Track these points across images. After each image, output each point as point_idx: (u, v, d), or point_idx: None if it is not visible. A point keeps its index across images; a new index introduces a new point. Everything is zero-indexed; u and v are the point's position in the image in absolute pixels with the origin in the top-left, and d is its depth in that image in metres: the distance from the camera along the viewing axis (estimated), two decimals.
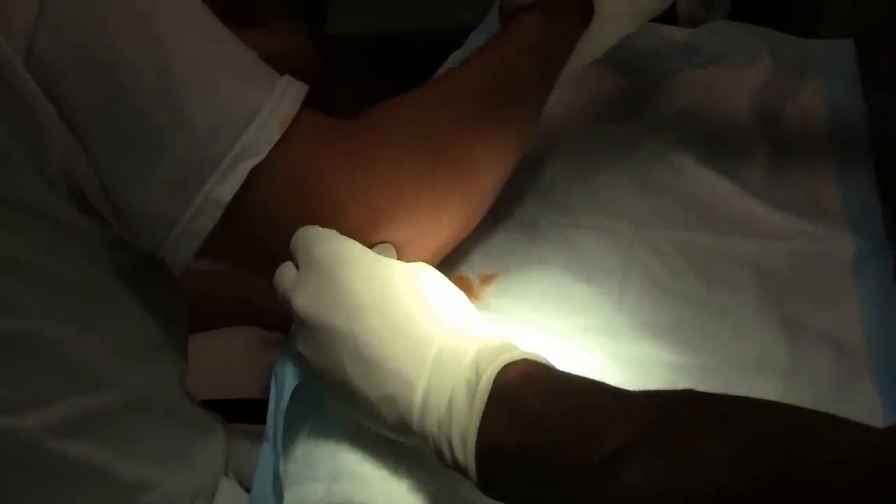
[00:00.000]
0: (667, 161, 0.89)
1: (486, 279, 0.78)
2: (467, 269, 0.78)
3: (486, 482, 0.56)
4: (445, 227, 0.71)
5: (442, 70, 0.97)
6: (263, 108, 0.64)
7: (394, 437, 0.63)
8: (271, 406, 0.68)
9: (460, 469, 0.57)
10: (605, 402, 0.53)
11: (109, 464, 0.72)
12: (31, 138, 0.61)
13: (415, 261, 0.68)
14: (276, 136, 0.64)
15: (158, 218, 0.64)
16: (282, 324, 1.16)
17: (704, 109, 0.96)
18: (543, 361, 0.58)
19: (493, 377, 0.56)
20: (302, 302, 0.63)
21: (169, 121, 0.62)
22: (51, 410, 0.69)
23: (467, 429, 0.56)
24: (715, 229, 0.83)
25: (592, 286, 0.78)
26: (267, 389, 0.99)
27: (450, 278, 0.67)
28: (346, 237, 0.65)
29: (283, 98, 0.65)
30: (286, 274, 0.65)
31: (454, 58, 1.01)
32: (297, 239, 0.66)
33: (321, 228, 0.66)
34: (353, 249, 0.65)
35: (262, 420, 0.70)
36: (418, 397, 0.59)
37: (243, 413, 0.91)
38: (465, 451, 0.56)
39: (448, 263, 0.76)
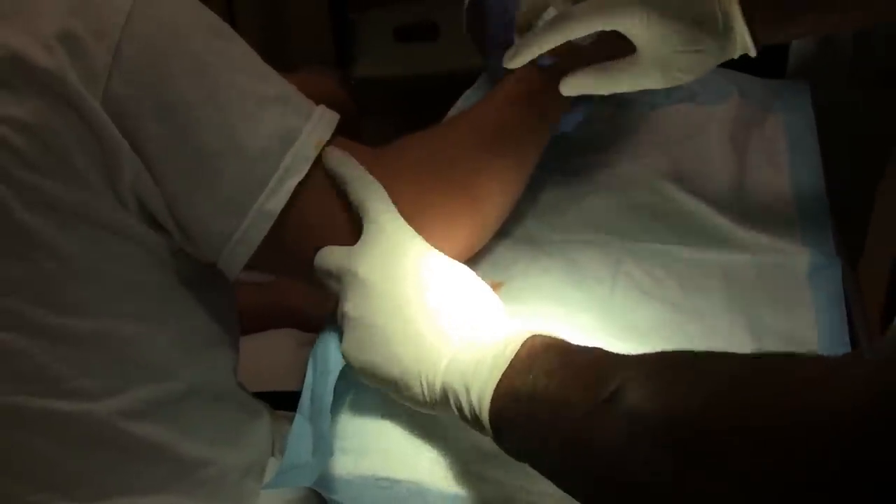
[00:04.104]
0: (648, 184, 0.90)
1: (495, 286, 0.79)
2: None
3: (498, 423, 0.57)
4: (454, 245, 0.72)
5: (455, 107, 0.99)
6: (302, 133, 0.66)
7: (422, 408, 0.64)
8: (307, 380, 0.69)
9: (475, 417, 0.58)
10: (608, 358, 0.55)
11: (174, 443, 0.72)
12: (107, 165, 0.62)
13: None
14: (313, 156, 0.66)
15: (216, 231, 0.66)
16: (316, 326, 1.17)
17: (681, 139, 0.96)
18: (561, 340, 0.60)
19: (520, 343, 0.58)
20: (349, 308, 0.65)
21: (224, 148, 0.64)
22: (124, 397, 0.69)
23: (488, 380, 0.57)
24: (690, 243, 0.83)
25: (585, 292, 0.79)
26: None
27: None
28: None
29: (319, 124, 0.67)
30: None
31: (467, 95, 1.02)
32: (324, 259, 0.67)
33: (341, 247, 0.67)
34: (385, 262, 0.66)
35: None
36: (443, 364, 0.61)
37: (285, 403, 0.92)
38: (483, 398, 0.57)
39: None
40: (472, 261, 0.79)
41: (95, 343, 0.67)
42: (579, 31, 0.72)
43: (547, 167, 0.86)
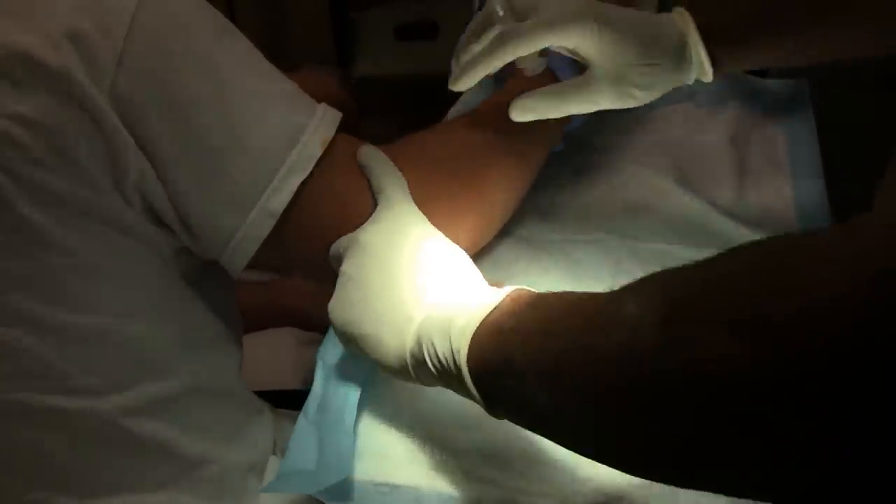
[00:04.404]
0: (648, 183, 0.90)
1: (496, 286, 0.79)
2: None
3: (478, 364, 0.55)
4: (460, 238, 0.72)
5: (455, 108, 0.99)
6: (306, 131, 0.66)
7: (395, 371, 0.63)
8: (315, 387, 0.69)
9: (451, 364, 0.56)
10: (597, 293, 0.53)
11: (176, 440, 0.73)
12: (112, 163, 0.62)
13: None
14: (318, 154, 0.66)
15: (221, 228, 0.66)
16: (317, 325, 1.17)
17: (681, 139, 0.96)
18: None
19: (505, 294, 0.57)
20: (344, 266, 0.65)
21: (229, 144, 0.64)
22: (128, 394, 0.69)
23: (468, 323, 0.56)
24: (689, 242, 0.83)
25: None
26: (305, 382, 1.00)
27: None
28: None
29: (322, 122, 0.67)
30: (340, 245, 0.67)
31: (464, 100, 1.02)
32: (337, 244, 0.67)
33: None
34: (387, 234, 0.66)
35: (302, 407, 0.72)
36: (419, 318, 0.60)
37: (286, 401, 0.92)
38: (462, 341, 0.55)
39: None
40: (475, 258, 0.79)
41: (99, 340, 0.68)
42: (527, 47, 0.69)
43: (548, 167, 0.87)
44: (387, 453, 0.68)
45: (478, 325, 0.56)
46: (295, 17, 2.04)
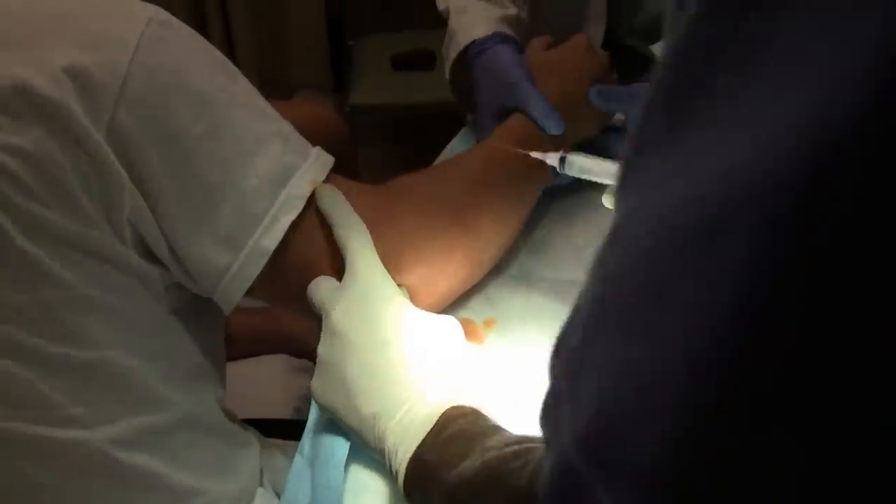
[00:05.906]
0: None
1: (489, 323, 0.79)
2: (472, 314, 0.79)
3: (407, 489, 0.60)
4: (452, 274, 0.73)
5: (444, 151, 0.99)
6: (297, 172, 0.66)
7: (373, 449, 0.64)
8: (310, 423, 0.69)
9: (396, 475, 0.60)
10: (475, 440, 0.57)
11: (164, 472, 0.72)
12: (106, 198, 0.62)
13: (425, 302, 0.70)
14: (307, 193, 0.66)
15: (213, 265, 0.66)
16: (310, 353, 1.16)
17: None
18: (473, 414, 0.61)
19: (440, 413, 0.60)
20: (321, 350, 0.65)
21: (223, 182, 0.64)
22: (117, 426, 0.69)
23: (408, 449, 0.59)
24: None
25: None
26: (296, 410, 0.99)
27: (457, 319, 0.69)
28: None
29: (315, 164, 0.68)
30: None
31: (454, 143, 1.02)
32: (313, 291, 0.67)
33: (329, 281, 0.67)
34: (355, 309, 0.65)
35: (292, 436, 0.71)
36: (389, 426, 0.61)
37: (276, 431, 0.92)
38: (400, 461, 0.59)
39: (455, 307, 0.78)
40: (466, 296, 0.79)
41: (90, 372, 0.67)
42: None
43: (541, 205, 0.86)
44: (380, 491, 0.67)
45: (412, 453, 0.59)
46: (293, 44, 2.04)
